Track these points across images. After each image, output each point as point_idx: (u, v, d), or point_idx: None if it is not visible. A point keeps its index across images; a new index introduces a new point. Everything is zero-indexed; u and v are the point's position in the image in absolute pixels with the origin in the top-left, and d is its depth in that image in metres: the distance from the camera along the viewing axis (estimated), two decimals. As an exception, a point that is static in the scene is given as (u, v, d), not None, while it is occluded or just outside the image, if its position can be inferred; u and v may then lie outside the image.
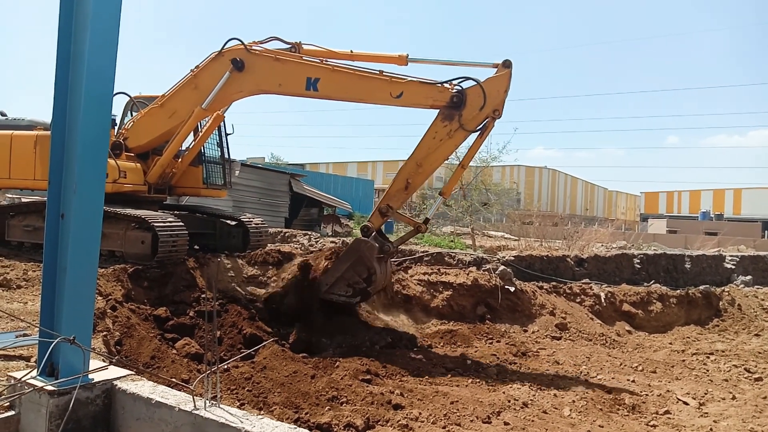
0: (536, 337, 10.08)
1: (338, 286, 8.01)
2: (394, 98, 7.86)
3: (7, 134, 10.03)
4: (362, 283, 7.90)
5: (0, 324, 5.60)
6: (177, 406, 3.42)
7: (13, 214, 10.63)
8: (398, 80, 7.89)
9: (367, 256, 7.84)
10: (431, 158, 7.83)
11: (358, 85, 8.07)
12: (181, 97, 9.41)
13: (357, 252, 7.93)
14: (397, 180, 7.99)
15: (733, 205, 64.13)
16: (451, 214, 23.28)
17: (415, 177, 7.92)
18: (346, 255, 8.08)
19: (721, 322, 12.20)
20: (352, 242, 8.30)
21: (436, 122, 7.78)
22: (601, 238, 19.82)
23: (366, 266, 7.85)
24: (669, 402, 7.05)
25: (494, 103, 7.60)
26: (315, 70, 8.21)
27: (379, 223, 8.10)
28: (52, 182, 3.69)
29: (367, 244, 7.90)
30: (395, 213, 8.12)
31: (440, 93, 7.75)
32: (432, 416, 5.59)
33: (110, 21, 3.68)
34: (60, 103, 3.69)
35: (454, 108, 7.67)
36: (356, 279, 7.90)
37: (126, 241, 9.05)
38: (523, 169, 64.62)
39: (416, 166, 7.88)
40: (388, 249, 8.11)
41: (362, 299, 8.24)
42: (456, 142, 7.87)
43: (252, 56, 8.59)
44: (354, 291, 7.96)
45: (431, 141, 7.80)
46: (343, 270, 7.96)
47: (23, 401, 3.56)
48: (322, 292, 8.08)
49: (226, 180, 11.57)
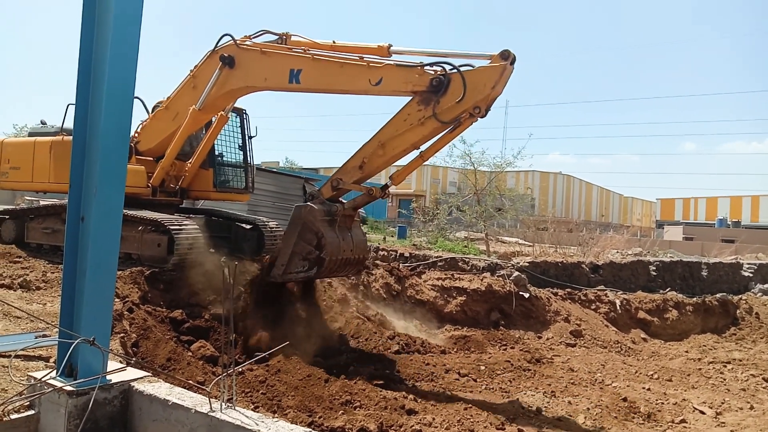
0: (551, 344, 10.03)
1: (293, 263, 7.25)
2: (374, 86, 7.24)
3: (30, 141, 10.46)
4: (314, 252, 7.09)
5: (20, 325, 5.68)
6: (193, 407, 3.45)
7: (32, 217, 10.81)
8: (376, 65, 7.29)
9: (309, 219, 7.13)
10: (395, 142, 7.09)
11: (338, 74, 7.57)
12: (181, 98, 9.42)
13: (299, 219, 7.22)
14: (355, 156, 7.37)
15: (750, 212, 63.31)
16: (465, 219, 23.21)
17: (373, 158, 7.24)
18: (290, 227, 7.41)
19: (739, 330, 12.08)
20: (296, 210, 7.45)
21: (411, 103, 6.99)
22: (616, 245, 19.68)
23: (312, 230, 7.10)
24: (685, 411, 6.98)
25: (476, 97, 6.56)
26: (297, 60, 7.85)
27: (328, 193, 7.47)
28: (73, 185, 3.75)
29: (306, 208, 7.23)
30: (345, 189, 7.51)
31: (420, 77, 6.93)
32: (445, 422, 5.58)
33: (131, 26, 3.74)
34: (81, 107, 3.76)
35: (433, 92, 6.80)
36: (308, 248, 7.12)
37: (142, 244, 9.13)
38: (537, 174, 64.27)
39: (378, 145, 7.17)
40: (336, 209, 7.32)
41: (319, 270, 7.21)
42: (425, 131, 6.95)
43: (241, 51, 8.45)
44: (309, 263, 7.15)
45: (401, 122, 7.02)
46: (293, 244, 7.24)
47: (43, 401, 3.61)
48: (280, 275, 7.37)
49: (248, 184, 11.53)
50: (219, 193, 11.11)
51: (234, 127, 11.43)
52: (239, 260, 9.97)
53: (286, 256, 7.30)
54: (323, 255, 7.05)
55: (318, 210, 7.15)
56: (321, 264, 7.12)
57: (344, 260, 7.37)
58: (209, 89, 8.75)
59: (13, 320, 5.79)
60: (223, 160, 11.25)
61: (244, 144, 11.43)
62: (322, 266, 7.11)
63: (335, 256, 7.17)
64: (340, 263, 7.34)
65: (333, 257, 7.12)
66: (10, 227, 11.18)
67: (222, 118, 10.03)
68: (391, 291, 10.42)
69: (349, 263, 7.54)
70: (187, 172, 10.60)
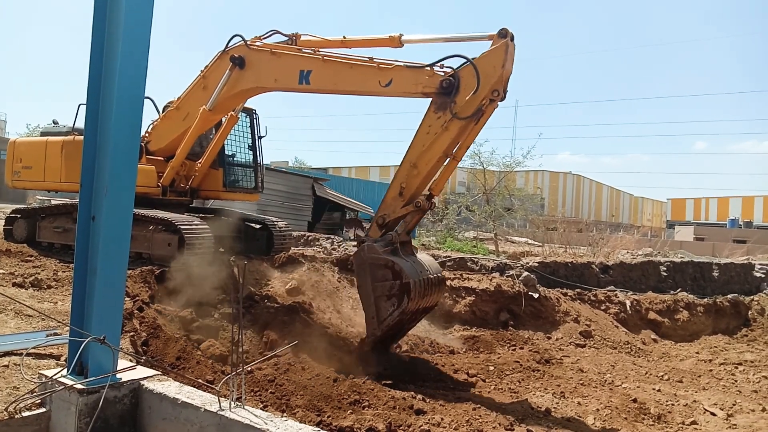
0: (560, 345, 9.98)
1: (381, 309, 6.72)
2: (384, 87, 7.14)
3: (43, 141, 10.61)
4: (395, 284, 6.62)
5: (31, 323, 5.73)
6: (202, 406, 3.47)
7: (43, 216, 10.91)
8: (386, 66, 7.16)
9: (372, 257, 6.75)
10: (426, 157, 6.86)
11: (348, 75, 7.49)
12: (192, 98, 9.46)
13: (363, 263, 6.83)
14: (392, 186, 7.11)
15: (763, 213, 62.81)
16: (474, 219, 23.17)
17: (409, 181, 6.95)
18: (360, 278, 6.99)
19: (750, 332, 11.97)
20: (354, 260, 7.15)
21: (428, 114, 6.84)
22: (626, 245, 19.56)
23: (381, 265, 6.70)
24: (696, 412, 6.93)
25: (490, 82, 6.47)
26: (307, 61, 7.81)
27: (377, 234, 7.10)
28: (84, 185, 3.78)
29: (364, 248, 6.88)
30: (393, 218, 7.12)
31: (429, 78, 6.84)
32: (454, 422, 5.56)
33: (142, 26, 3.77)
34: (92, 106, 3.79)
35: (446, 94, 6.68)
36: (387, 285, 6.66)
37: (153, 243, 9.19)
38: (547, 174, 64.07)
39: (411, 167, 6.92)
40: (391, 237, 6.92)
41: (408, 297, 6.61)
42: (452, 134, 6.74)
43: (251, 52, 8.46)
44: (396, 298, 6.63)
45: (425, 136, 6.84)
46: (372, 291, 6.77)
47: (54, 399, 3.64)
48: (377, 328, 6.77)
49: (257, 183, 11.57)
50: (229, 193, 11.17)
51: (244, 127, 11.48)
52: (249, 260, 10.02)
53: (371, 308, 6.80)
54: (405, 280, 6.57)
55: (376, 245, 6.80)
56: (408, 291, 6.60)
57: (427, 281, 6.89)
58: (219, 90, 8.78)
59: (25, 318, 5.84)
60: (233, 159, 11.30)
61: (254, 144, 11.47)
62: (410, 292, 6.58)
63: (417, 278, 6.70)
64: (425, 285, 6.84)
65: (416, 279, 6.66)
66: (22, 226, 11.30)
67: (232, 118, 10.07)
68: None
69: (431, 284, 7.02)
70: (197, 171, 10.66)
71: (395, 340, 7.60)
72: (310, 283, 9.31)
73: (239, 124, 11.27)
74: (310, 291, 9.13)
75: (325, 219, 27.75)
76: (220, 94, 8.85)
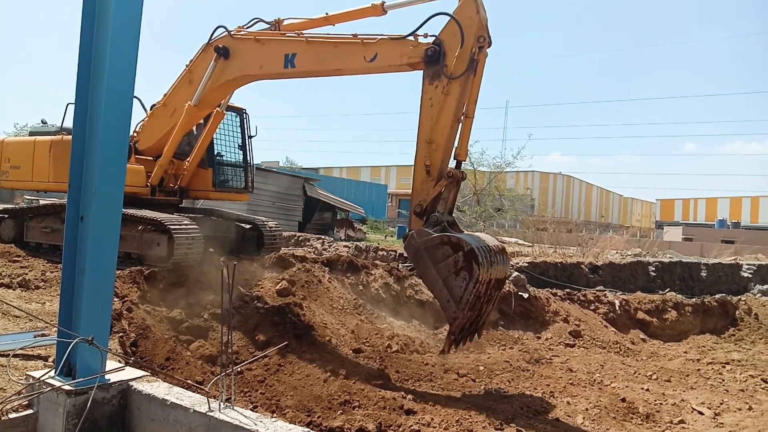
0: (549, 344, 10.03)
1: (453, 287, 6.25)
2: (369, 62, 7.05)
3: (31, 140, 10.52)
4: (458, 256, 6.19)
5: (19, 324, 5.68)
6: (192, 407, 3.45)
7: (31, 216, 10.82)
8: (370, 41, 7.07)
9: (425, 240, 6.37)
10: (438, 128, 6.63)
11: (332, 54, 7.41)
12: (178, 94, 9.37)
13: (419, 250, 6.42)
14: (416, 171, 6.80)
15: (750, 213, 63.40)
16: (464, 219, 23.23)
17: (432, 157, 6.65)
18: (420, 266, 6.58)
19: (738, 331, 12.08)
20: (407, 251, 6.76)
21: (425, 88, 6.71)
22: (615, 246, 19.68)
23: (437, 245, 6.29)
24: (684, 411, 6.98)
25: (472, 31, 6.44)
26: (291, 44, 7.76)
27: (418, 223, 6.72)
28: (72, 185, 3.75)
29: (415, 233, 6.52)
30: (429, 200, 6.69)
31: (414, 48, 6.75)
32: (444, 422, 5.58)
33: (131, 25, 3.75)
34: (81, 106, 3.76)
35: (434, 63, 6.58)
36: (451, 261, 6.22)
37: (142, 243, 9.14)
38: (537, 175, 64.29)
39: (427, 144, 6.67)
40: (436, 218, 6.55)
41: (478, 264, 6.08)
42: (455, 96, 6.57)
43: (235, 41, 8.41)
44: (465, 270, 6.15)
45: (430, 110, 6.66)
46: (437, 275, 6.34)
47: (41, 400, 3.61)
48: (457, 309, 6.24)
49: (247, 183, 11.51)
50: (218, 193, 11.08)
51: (234, 127, 11.43)
52: (239, 260, 9.98)
53: (443, 291, 6.33)
54: (467, 248, 6.13)
55: (425, 229, 6.47)
56: (474, 256, 6.12)
57: (488, 248, 6.42)
58: (205, 82, 8.71)
59: (12, 319, 5.79)
60: (223, 159, 11.24)
61: (244, 143, 11.40)
62: (477, 257, 6.09)
63: (478, 244, 6.25)
64: (489, 251, 6.38)
65: (477, 245, 6.21)
66: (10, 226, 11.21)
67: (218, 114, 10.00)
68: (391, 291, 10.42)
69: (494, 252, 6.53)
70: (185, 171, 10.58)
71: (478, 327, 6.99)
72: (300, 283, 9.29)
73: (229, 124, 11.22)
74: (301, 291, 9.11)
75: (316, 219, 27.74)
76: (206, 87, 8.77)
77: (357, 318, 9.27)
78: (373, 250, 15.12)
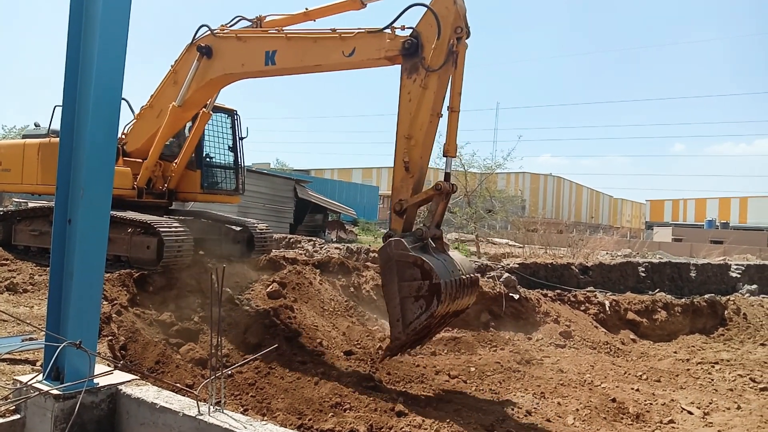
0: (540, 345, 10.06)
1: (407, 310, 6.09)
2: (347, 57, 6.93)
3: (21, 143, 10.48)
4: (423, 284, 6.01)
5: (6, 328, 5.63)
6: (181, 411, 3.43)
7: (19, 219, 10.74)
8: (348, 35, 6.94)
9: (400, 253, 6.15)
10: (417, 123, 6.45)
11: (312, 49, 7.32)
12: (164, 95, 9.31)
13: (390, 260, 6.22)
14: (396, 167, 6.63)
15: (739, 214, 63.91)
16: (455, 221, 23.25)
17: (410, 153, 6.49)
18: (385, 276, 6.35)
19: (727, 331, 12.17)
20: (379, 256, 6.56)
21: (403, 82, 6.55)
22: (605, 246, 19.80)
23: (409, 263, 6.08)
24: (673, 411, 7.03)
25: (449, 21, 6.28)
26: (272, 41, 7.70)
27: (399, 225, 6.55)
28: (60, 188, 3.73)
29: (391, 244, 6.27)
30: (412, 203, 6.53)
31: (391, 42, 6.59)
32: (435, 424, 5.58)
33: (119, 28, 3.73)
34: (68, 108, 3.73)
35: (412, 55, 6.42)
36: (415, 285, 6.06)
37: (131, 246, 9.08)
38: (528, 176, 64.53)
39: (406, 140, 6.49)
40: (421, 233, 6.35)
41: (438, 299, 5.98)
42: (433, 89, 6.41)
43: (217, 40, 8.37)
44: (425, 299, 6.01)
45: (408, 104, 6.48)
46: (397, 291, 6.17)
47: (29, 405, 3.58)
48: (403, 332, 6.13)
49: (238, 185, 11.43)
50: (207, 195, 10.98)
51: (225, 128, 11.35)
52: (229, 262, 9.94)
53: (396, 309, 6.17)
54: (435, 280, 5.93)
55: (404, 240, 6.21)
56: (438, 292, 5.96)
57: (459, 282, 6.31)
58: (188, 82, 8.65)
59: (0, 323, 5.74)
60: (212, 161, 11.15)
61: (235, 145, 11.32)
62: (441, 294, 5.94)
63: (448, 278, 6.08)
64: (457, 286, 6.25)
65: (446, 279, 6.03)
66: (-3, 229, 11.10)
67: (204, 115, 9.93)
68: (381, 293, 10.42)
69: (464, 286, 6.44)
70: (173, 172, 10.49)
71: (420, 343, 7.08)
72: (291, 285, 9.27)
73: (220, 125, 11.15)
74: (292, 294, 9.09)
75: (307, 221, 27.69)
76: (189, 87, 8.71)
77: (348, 320, 9.26)
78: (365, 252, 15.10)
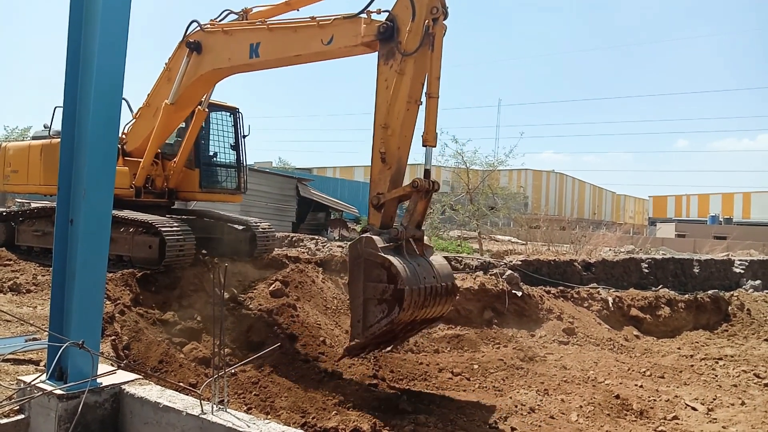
0: (543, 342, 10.05)
1: (369, 313, 5.83)
2: (326, 45, 6.81)
3: (26, 145, 10.68)
4: (389, 287, 5.69)
5: (10, 328, 5.64)
6: (184, 410, 3.44)
7: (22, 219, 10.77)
8: (326, 22, 6.85)
9: (369, 251, 5.86)
10: (394, 112, 6.17)
11: (292, 39, 7.25)
12: (159, 93, 9.33)
13: (358, 257, 5.95)
14: (373, 159, 6.37)
15: (742, 209, 63.70)
16: (457, 218, 23.21)
17: (387, 143, 6.23)
18: (351, 273, 6.11)
19: (730, 327, 12.14)
20: (348, 251, 6.30)
21: (379, 68, 6.32)
22: (608, 243, 19.74)
23: (377, 264, 5.79)
24: (677, 407, 7.02)
25: (425, 1, 6.02)
26: (255, 33, 7.71)
27: (377, 220, 6.26)
28: (62, 188, 3.73)
29: (361, 241, 6.02)
30: (389, 198, 6.25)
31: (367, 27, 6.44)
32: (439, 421, 5.59)
33: (119, 27, 3.72)
34: (69, 109, 3.73)
35: (388, 40, 6.20)
36: (380, 287, 5.76)
37: (134, 246, 9.09)
38: (530, 173, 64.37)
39: (383, 129, 6.23)
40: (396, 233, 6.04)
41: (400, 307, 5.61)
42: (410, 75, 6.13)
43: (206, 35, 8.40)
44: (387, 304, 5.71)
45: (385, 92, 6.21)
46: (362, 291, 5.89)
47: (33, 405, 3.59)
48: (362, 334, 5.89)
49: (240, 184, 11.40)
50: (206, 194, 10.93)
51: (227, 126, 11.33)
52: (232, 261, 9.95)
53: (358, 310, 5.91)
54: (400, 286, 5.59)
55: (376, 238, 5.91)
56: (401, 298, 5.60)
57: (429, 290, 5.93)
58: (179, 79, 8.69)
59: (3, 324, 5.75)
60: (213, 159, 11.11)
61: (237, 143, 11.28)
62: (403, 300, 5.58)
63: (415, 285, 5.71)
64: (425, 294, 5.87)
65: (413, 286, 5.66)
66: (0, 230, 11.14)
67: (200, 113, 9.91)
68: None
69: (435, 294, 6.03)
70: (172, 171, 10.46)
71: (388, 345, 6.79)
72: (294, 284, 9.28)
73: (223, 123, 11.15)
74: (294, 292, 9.09)
75: (310, 219, 27.67)
76: (181, 84, 8.72)
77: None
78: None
